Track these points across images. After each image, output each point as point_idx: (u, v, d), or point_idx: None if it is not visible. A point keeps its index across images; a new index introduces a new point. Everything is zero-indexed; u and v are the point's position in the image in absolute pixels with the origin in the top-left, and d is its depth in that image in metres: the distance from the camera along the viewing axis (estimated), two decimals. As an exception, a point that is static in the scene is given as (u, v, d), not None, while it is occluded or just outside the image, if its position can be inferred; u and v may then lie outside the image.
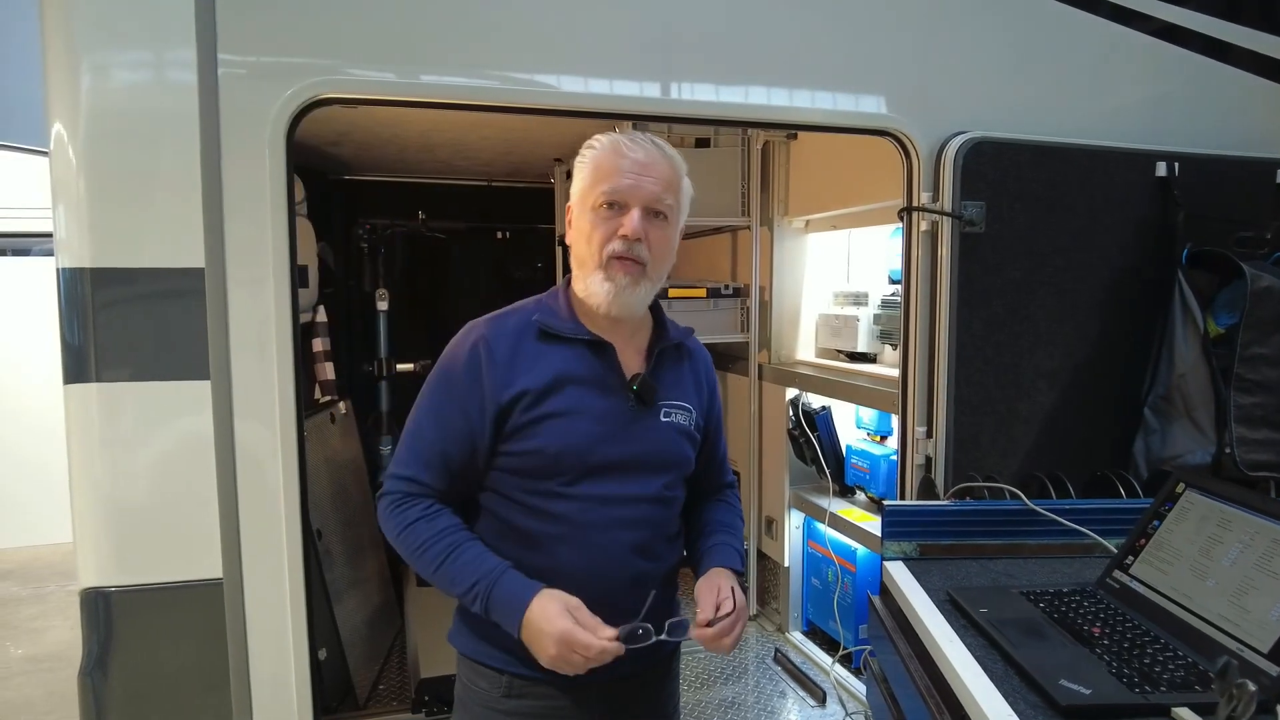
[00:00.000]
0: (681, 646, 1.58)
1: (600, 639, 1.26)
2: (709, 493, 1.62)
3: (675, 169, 1.41)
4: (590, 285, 1.39)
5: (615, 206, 1.36)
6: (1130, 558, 1.44)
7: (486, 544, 1.38)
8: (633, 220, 1.35)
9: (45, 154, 1.80)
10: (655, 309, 1.52)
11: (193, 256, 1.76)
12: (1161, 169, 2.27)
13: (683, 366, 1.53)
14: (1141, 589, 1.38)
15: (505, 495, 1.41)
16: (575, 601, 1.30)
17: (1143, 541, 1.44)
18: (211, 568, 1.81)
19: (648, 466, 1.43)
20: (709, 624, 1.35)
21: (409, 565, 1.40)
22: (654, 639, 1.31)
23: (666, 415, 1.46)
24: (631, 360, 1.46)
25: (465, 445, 1.38)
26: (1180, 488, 1.44)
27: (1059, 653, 1.22)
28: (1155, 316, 2.25)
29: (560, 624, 1.26)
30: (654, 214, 1.38)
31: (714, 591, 1.40)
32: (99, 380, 1.75)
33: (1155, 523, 1.44)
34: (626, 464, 1.41)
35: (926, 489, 2.18)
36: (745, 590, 1.48)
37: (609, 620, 1.29)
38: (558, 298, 1.47)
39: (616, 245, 1.36)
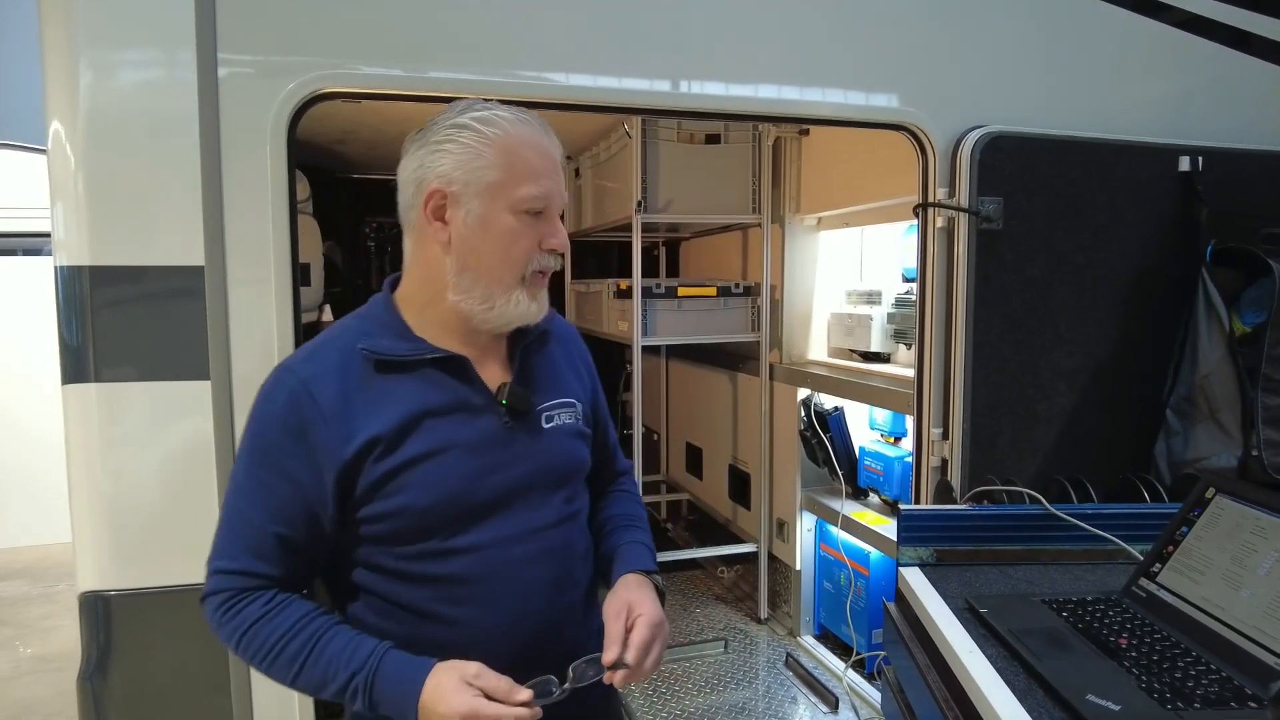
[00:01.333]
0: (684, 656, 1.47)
1: (513, 706, 1.05)
2: (605, 484, 1.43)
3: None
4: (505, 304, 1.17)
5: (539, 214, 1.16)
6: (1158, 565, 1.38)
7: (370, 630, 1.15)
8: (563, 232, 1.18)
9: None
10: None
11: (192, 254, 1.73)
12: (1185, 163, 2.22)
13: (552, 355, 1.32)
14: (1170, 598, 1.32)
15: (381, 568, 1.17)
16: (475, 668, 1.07)
17: (1171, 548, 1.38)
18: (212, 571, 1.78)
19: (541, 487, 1.22)
20: (615, 665, 1.13)
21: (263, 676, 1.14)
22: (563, 691, 1.11)
23: (549, 420, 1.25)
24: (492, 368, 1.23)
25: (303, 521, 1.13)
26: (1210, 493, 1.38)
27: (1085, 665, 1.17)
28: (1178, 315, 2.19)
29: (458, 701, 1.03)
30: None
31: (620, 615, 1.17)
32: (97, 380, 1.72)
33: (1184, 529, 1.38)
34: (516, 493, 1.19)
35: (943, 492, 2.13)
36: (664, 592, 1.28)
37: (537, 676, 1.11)
38: (381, 314, 1.22)
39: (547, 260, 1.18)
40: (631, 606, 1.19)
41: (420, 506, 1.13)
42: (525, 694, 1.06)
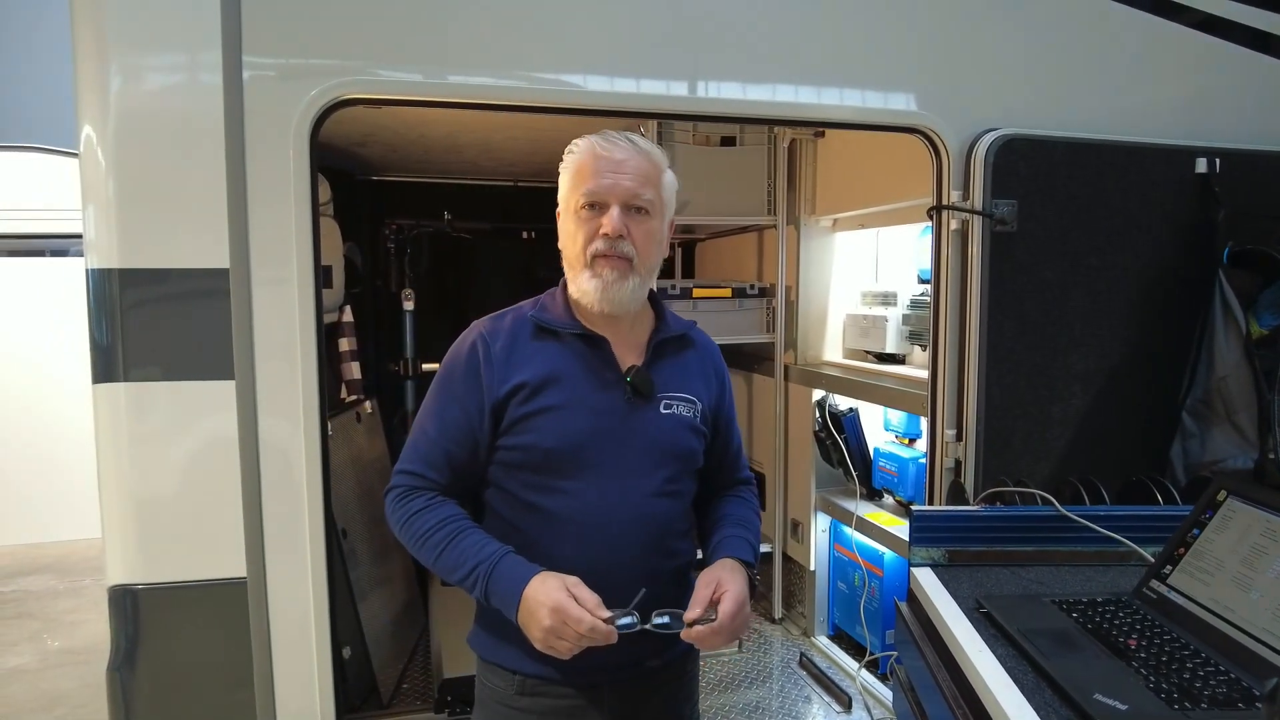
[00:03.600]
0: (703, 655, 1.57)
1: (594, 617, 1.26)
2: (723, 488, 1.61)
3: (653, 163, 1.42)
4: (580, 284, 1.41)
5: (596, 207, 1.39)
6: (1168, 567, 1.39)
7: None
8: (613, 218, 1.37)
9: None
10: (656, 302, 1.53)
11: (218, 257, 1.77)
12: (1201, 165, 2.21)
13: (686, 358, 1.52)
14: (1180, 600, 1.33)
15: (505, 490, 1.43)
16: (574, 580, 1.30)
17: (1182, 550, 1.39)
18: (235, 566, 1.82)
19: (647, 460, 1.42)
20: (695, 623, 1.33)
21: (415, 558, 1.42)
22: (637, 628, 1.31)
23: (667, 407, 1.45)
24: (629, 354, 1.46)
25: (466, 443, 1.42)
26: (1222, 495, 1.38)
27: (1093, 665, 1.19)
28: (1194, 317, 2.18)
29: (556, 595, 1.27)
30: (634, 209, 1.39)
31: (710, 586, 1.38)
32: (126, 380, 1.77)
33: (1195, 531, 1.39)
34: (623, 457, 1.41)
35: (956, 493, 2.13)
36: (756, 585, 1.47)
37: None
38: (555, 296, 1.49)
39: (599, 244, 1.38)
40: (721, 582, 1.38)
41: (544, 447, 1.39)
42: (606, 614, 1.27)
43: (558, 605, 1.26)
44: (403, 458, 1.46)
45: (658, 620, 1.33)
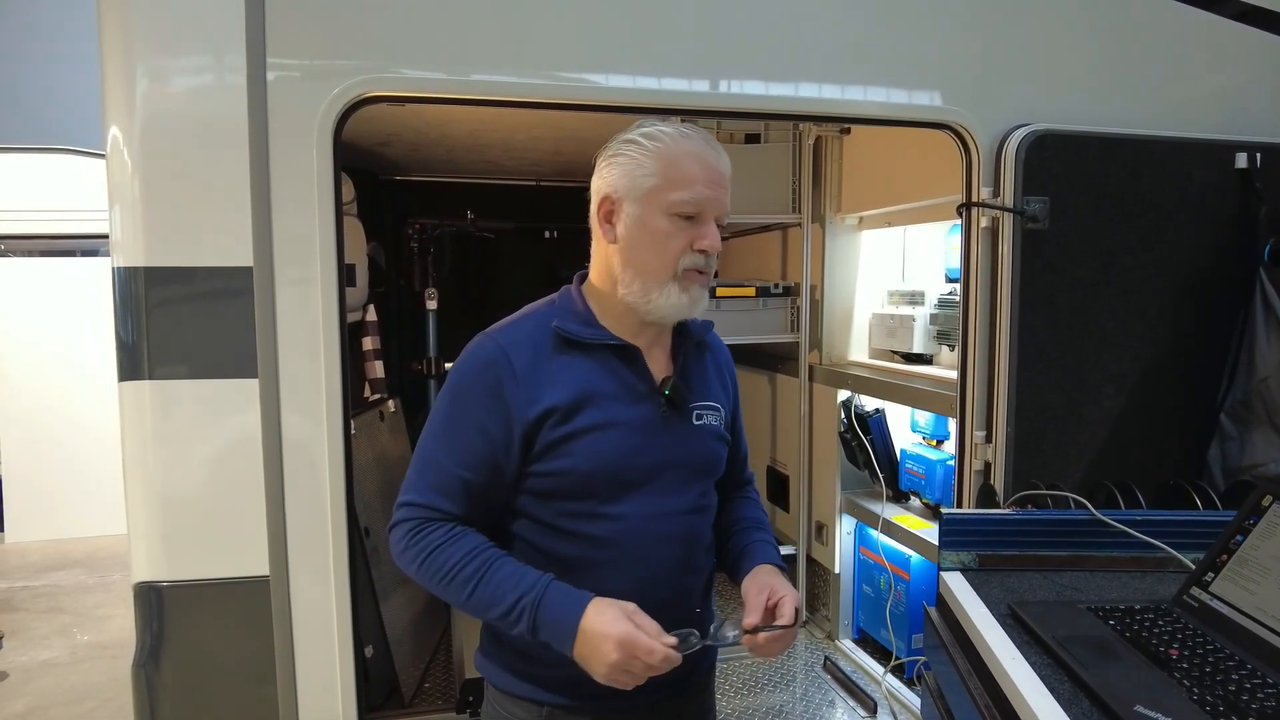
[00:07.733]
0: (719, 657, 1.53)
1: (664, 646, 1.18)
2: (732, 490, 1.54)
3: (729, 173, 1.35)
4: (659, 297, 1.29)
5: (693, 218, 1.28)
6: (1210, 574, 1.34)
7: None
8: (715, 235, 1.29)
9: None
10: None
11: (242, 255, 1.78)
12: (1242, 160, 2.15)
13: (705, 363, 1.46)
14: (1224, 609, 1.28)
15: (538, 520, 1.31)
16: (631, 606, 1.20)
17: (1224, 557, 1.34)
18: (259, 564, 1.83)
19: (684, 475, 1.35)
20: (756, 629, 1.28)
21: (439, 597, 1.29)
22: (701, 644, 1.26)
23: (699, 418, 1.37)
24: (657, 362, 1.37)
25: (487, 469, 1.27)
26: (1267, 500, 1.34)
27: (1133, 675, 1.14)
28: (1234, 317, 2.13)
29: (620, 628, 1.17)
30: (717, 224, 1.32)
31: (764, 592, 1.32)
32: (151, 378, 1.78)
33: (1238, 537, 1.34)
34: (662, 475, 1.32)
35: (986, 496, 2.09)
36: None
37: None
38: (572, 300, 1.36)
39: (697, 259, 1.28)
40: (774, 588, 1.32)
41: (583, 471, 1.27)
42: (671, 639, 1.19)
43: (625, 637, 1.16)
44: (407, 488, 1.30)
45: (716, 629, 1.29)
